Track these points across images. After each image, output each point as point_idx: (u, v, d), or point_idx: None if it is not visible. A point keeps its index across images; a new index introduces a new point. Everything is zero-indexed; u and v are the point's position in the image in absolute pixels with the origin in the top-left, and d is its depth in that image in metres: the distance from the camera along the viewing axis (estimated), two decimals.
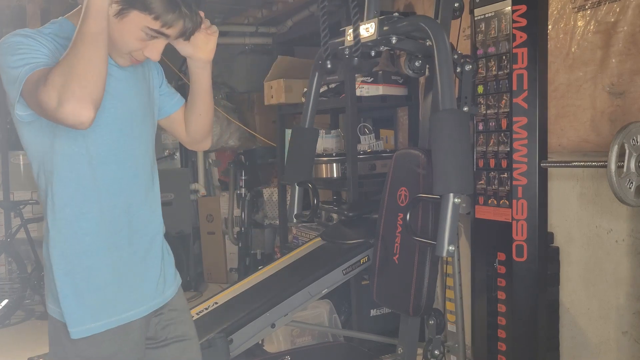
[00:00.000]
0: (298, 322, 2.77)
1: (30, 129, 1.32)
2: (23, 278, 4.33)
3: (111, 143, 1.34)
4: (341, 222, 3.04)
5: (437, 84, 1.66)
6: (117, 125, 1.35)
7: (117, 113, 1.35)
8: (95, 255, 1.35)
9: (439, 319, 2.23)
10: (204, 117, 1.56)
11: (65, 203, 1.32)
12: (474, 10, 2.32)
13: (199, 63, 1.46)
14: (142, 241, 1.43)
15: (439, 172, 1.59)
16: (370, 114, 4.00)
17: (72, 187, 1.32)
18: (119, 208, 1.37)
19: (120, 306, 1.38)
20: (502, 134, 2.22)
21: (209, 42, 1.43)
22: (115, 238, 1.37)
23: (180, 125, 1.59)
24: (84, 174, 1.32)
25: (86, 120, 1.14)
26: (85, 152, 1.31)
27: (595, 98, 2.35)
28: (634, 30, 2.19)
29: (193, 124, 1.57)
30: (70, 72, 1.12)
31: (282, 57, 3.98)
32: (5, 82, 1.24)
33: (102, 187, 1.34)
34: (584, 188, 2.41)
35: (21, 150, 4.75)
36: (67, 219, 1.32)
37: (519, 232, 2.14)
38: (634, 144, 1.83)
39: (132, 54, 1.33)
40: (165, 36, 1.31)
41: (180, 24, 1.30)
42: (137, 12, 1.24)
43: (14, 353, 3.65)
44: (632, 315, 2.26)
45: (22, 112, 1.26)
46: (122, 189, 1.38)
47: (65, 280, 1.34)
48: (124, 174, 1.38)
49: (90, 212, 1.33)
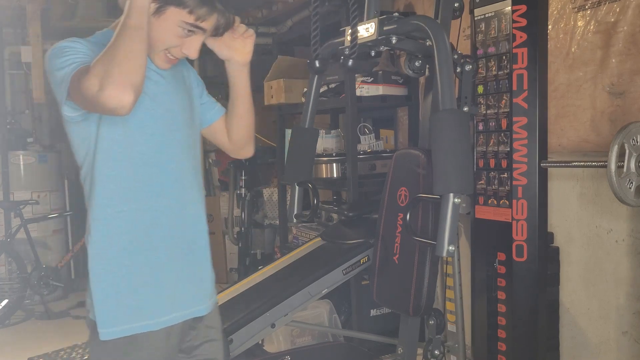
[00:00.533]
0: (298, 322, 2.77)
1: (77, 129, 1.35)
2: (23, 278, 4.33)
3: (153, 145, 1.38)
4: (341, 222, 3.04)
5: (437, 84, 1.65)
6: (158, 128, 1.39)
7: (157, 115, 1.39)
8: (133, 255, 1.37)
9: (439, 319, 2.22)
10: (245, 119, 1.60)
11: (106, 203, 1.35)
12: (474, 10, 2.32)
13: (237, 66, 1.53)
14: (182, 245, 1.45)
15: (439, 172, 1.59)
16: (370, 114, 4.00)
17: (112, 186, 1.35)
18: (158, 210, 1.40)
19: (160, 309, 1.40)
20: (502, 134, 2.22)
21: (246, 45, 1.51)
22: (153, 239, 1.39)
23: (222, 134, 1.64)
24: (125, 174, 1.36)
25: (127, 103, 1.17)
26: (128, 152, 1.35)
27: (595, 98, 2.35)
28: (634, 30, 2.19)
29: (235, 129, 1.61)
30: (111, 60, 1.18)
31: (282, 57, 3.97)
32: (53, 85, 1.29)
33: (142, 188, 1.37)
34: (584, 188, 2.41)
35: (21, 150, 4.79)
36: (107, 218, 1.36)
37: (519, 232, 2.14)
38: (634, 144, 1.83)
39: (170, 52, 1.38)
40: (201, 30, 1.36)
41: (214, 18, 1.37)
42: (173, 8, 1.32)
43: (14, 353, 3.65)
44: (632, 315, 2.26)
45: (70, 113, 1.30)
46: (162, 192, 1.40)
47: (104, 279, 1.36)
48: (165, 178, 1.41)
49: (129, 211, 1.36)
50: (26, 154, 4.79)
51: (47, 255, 4.73)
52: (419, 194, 2.07)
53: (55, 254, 4.82)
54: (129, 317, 1.36)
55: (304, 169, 2.21)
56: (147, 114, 1.36)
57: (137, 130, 1.35)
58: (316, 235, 3.03)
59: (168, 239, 1.41)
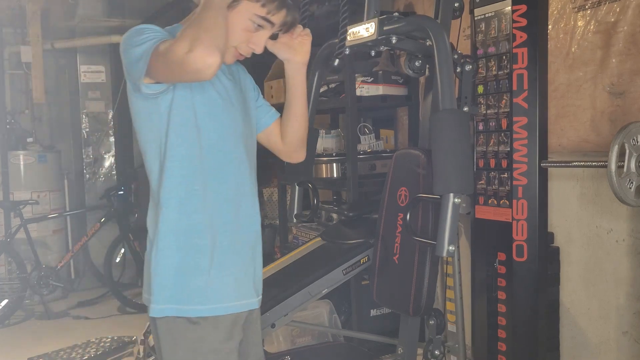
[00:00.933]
0: (298, 322, 2.77)
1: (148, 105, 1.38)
2: (23, 278, 4.33)
3: (218, 130, 1.42)
4: (341, 222, 3.04)
5: (437, 84, 1.66)
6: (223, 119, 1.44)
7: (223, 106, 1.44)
8: (204, 235, 1.40)
9: (439, 319, 2.23)
10: (301, 121, 1.63)
11: (180, 181, 1.39)
12: (474, 10, 2.32)
13: (296, 66, 1.57)
14: (248, 235, 1.49)
15: (439, 172, 1.59)
16: (370, 114, 4.00)
17: (185, 164, 1.39)
18: (221, 196, 1.43)
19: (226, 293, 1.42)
20: (502, 134, 2.22)
21: (304, 44, 1.55)
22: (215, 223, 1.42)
23: (276, 137, 1.67)
24: (196, 154, 1.39)
25: (212, 63, 1.22)
26: (197, 135, 1.39)
27: (596, 98, 2.35)
28: (634, 30, 2.19)
29: (290, 130, 1.64)
30: (199, 26, 1.24)
31: None
32: (129, 64, 1.33)
33: (208, 172, 1.41)
34: (584, 188, 2.41)
35: (21, 150, 4.79)
36: (180, 195, 1.39)
37: (519, 232, 2.14)
38: (634, 144, 1.83)
39: (238, 48, 1.43)
40: (269, 24, 1.43)
41: (284, 13, 1.43)
42: (247, 1, 1.38)
43: (13, 353, 3.65)
44: (632, 315, 2.26)
45: (146, 90, 1.34)
46: (226, 178, 1.44)
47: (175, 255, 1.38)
48: (229, 165, 1.45)
49: (200, 191, 1.40)
50: (26, 154, 4.79)
51: (46, 255, 4.73)
52: (419, 194, 2.07)
53: (55, 254, 4.82)
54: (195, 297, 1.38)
55: (304, 169, 2.21)
56: (214, 103, 1.41)
57: (206, 116, 1.39)
58: (316, 235, 3.02)
59: (228, 225, 1.44)
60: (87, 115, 5.31)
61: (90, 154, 5.32)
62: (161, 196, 1.39)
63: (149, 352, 2.76)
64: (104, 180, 5.32)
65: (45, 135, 5.25)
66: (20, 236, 4.37)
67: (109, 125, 5.38)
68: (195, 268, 1.39)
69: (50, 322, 4.32)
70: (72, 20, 5.14)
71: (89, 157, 5.31)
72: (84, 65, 5.27)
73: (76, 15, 5.12)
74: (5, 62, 5.03)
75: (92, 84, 5.32)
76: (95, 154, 5.33)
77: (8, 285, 4.42)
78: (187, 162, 1.39)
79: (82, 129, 5.30)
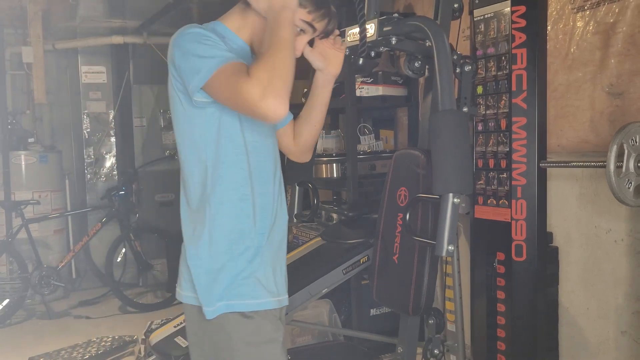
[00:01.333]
0: (298, 321, 2.78)
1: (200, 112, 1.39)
2: (24, 278, 4.34)
3: (260, 134, 1.46)
4: (341, 222, 3.05)
5: (437, 84, 1.66)
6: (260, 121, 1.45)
7: None
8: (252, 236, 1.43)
9: (439, 318, 2.23)
10: (317, 127, 1.66)
11: (232, 186, 1.42)
12: (474, 11, 2.33)
13: (328, 76, 1.59)
14: (283, 234, 1.54)
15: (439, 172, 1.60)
16: (370, 114, 4.01)
17: (236, 170, 1.42)
18: (265, 197, 1.47)
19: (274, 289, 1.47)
20: (501, 134, 2.23)
21: (338, 56, 1.58)
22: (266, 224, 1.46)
23: (289, 137, 1.68)
24: (244, 159, 1.43)
25: (282, 114, 1.26)
26: (244, 139, 1.42)
27: (595, 98, 2.36)
28: (633, 31, 2.20)
29: (305, 133, 1.66)
30: (273, 70, 1.25)
31: None
32: (184, 68, 1.34)
33: (254, 174, 1.44)
34: (583, 188, 2.42)
35: (23, 150, 4.80)
36: (233, 200, 1.42)
37: (518, 232, 2.15)
38: (633, 144, 1.84)
39: None
40: (312, 29, 1.46)
41: (326, 21, 1.47)
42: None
43: (14, 352, 3.66)
44: (631, 315, 2.26)
45: (200, 99, 1.36)
46: (267, 179, 1.48)
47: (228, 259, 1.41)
48: (268, 166, 1.49)
49: (250, 195, 1.43)
50: (27, 154, 4.80)
51: (48, 255, 4.74)
52: (419, 194, 2.08)
53: (56, 254, 4.83)
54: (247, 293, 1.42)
55: (304, 169, 2.21)
56: None
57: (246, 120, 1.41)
58: (316, 235, 3.03)
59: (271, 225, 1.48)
60: (88, 115, 5.33)
61: (92, 154, 5.33)
62: (212, 202, 1.41)
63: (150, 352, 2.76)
64: (105, 180, 5.33)
65: (47, 135, 5.26)
66: (21, 236, 4.38)
67: (110, 126, 5.39)
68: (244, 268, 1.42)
69: (51, 322, 4.33)
70: (73, 20, 5.15)
71: (90, 157, 5.33)
72: (85, 65, 5.29)
73: (77, 15, 5.13)
74: (6, 63, 5.04)
75: (93, 85, 5.33)
76: (96, 154, 5.34)
77: (9, 285, 4.43)
78: (238, 168, 1.42)
79: (83, 129, 5.31)
